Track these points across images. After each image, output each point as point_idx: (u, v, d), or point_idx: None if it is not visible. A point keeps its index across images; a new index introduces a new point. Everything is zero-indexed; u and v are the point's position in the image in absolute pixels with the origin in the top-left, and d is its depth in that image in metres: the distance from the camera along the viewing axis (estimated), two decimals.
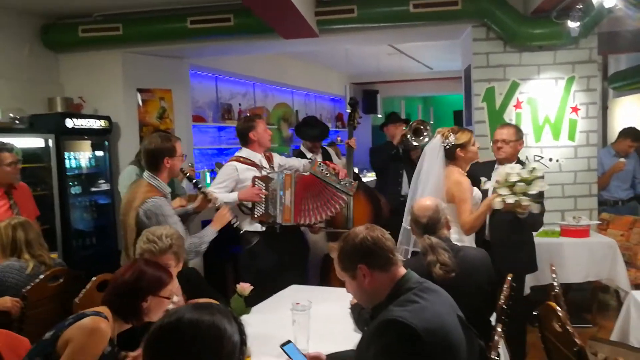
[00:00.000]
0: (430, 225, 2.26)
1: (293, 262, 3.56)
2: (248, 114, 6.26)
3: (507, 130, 3.36)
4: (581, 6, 3.75)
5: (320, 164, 3.38)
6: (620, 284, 3.70)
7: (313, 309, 2.33)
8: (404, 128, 4.60)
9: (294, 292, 2.87)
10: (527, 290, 3.73)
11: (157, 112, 5.08)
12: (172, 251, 2.14)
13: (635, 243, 4.09)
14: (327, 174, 3.32)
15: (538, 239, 4.01)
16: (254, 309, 2.60)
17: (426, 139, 4.16)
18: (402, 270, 1.61)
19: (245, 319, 2.21)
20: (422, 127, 4.37)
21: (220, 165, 3.49)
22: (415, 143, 4.31)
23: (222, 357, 1.03)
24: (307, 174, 3.42)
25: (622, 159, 4.63)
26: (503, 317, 2.07)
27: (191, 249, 2.74)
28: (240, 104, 6.36)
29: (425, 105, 11.82)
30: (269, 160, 3.57)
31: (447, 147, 3.00)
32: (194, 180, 3.03)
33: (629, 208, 4.69)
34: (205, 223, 3.04)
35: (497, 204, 2.76)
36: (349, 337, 2.10)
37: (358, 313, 2.20)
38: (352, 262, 1.59)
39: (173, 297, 1.89)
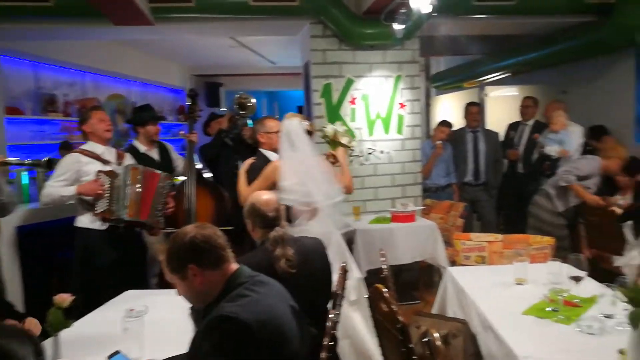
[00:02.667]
0: (277, 218, 2.29)
1: (131, 264, 3.39)
2: (77, 106, 5.71)
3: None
4: (405, 10, 4.10)
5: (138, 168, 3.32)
6: (440, 262, 4.17)
7: (150, 314, 2.21)
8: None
9: (130, 298, 2.69)
10: (363, 274, 4.01)
11: None
12: None
13: (451, 225, 4.63)
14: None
15: (372, 225, 4.34)
16: (85, 318, 2.39)
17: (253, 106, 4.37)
18: (234, 266, 1.60)
19: (72, 330, 2.01)
20: (244, 99, 4.38)
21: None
22: (243, 112, 4.34)
23: None
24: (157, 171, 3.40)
25: (439, 142, 5.20)
26: (338, 303, 2.18)
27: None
28: (66, 95, 5.75)
29: (270, 100, 11.97)
30: (120, 157, 3.44)
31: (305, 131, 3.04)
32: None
33: (447, 194, 5.29)
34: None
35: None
36: (188, 341, 2.03)
37: (196, 314, 2.13)
38: (181, 262, 1.53)
39: None
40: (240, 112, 4.37)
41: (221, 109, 8.92)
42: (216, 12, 4.43)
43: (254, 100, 4.39)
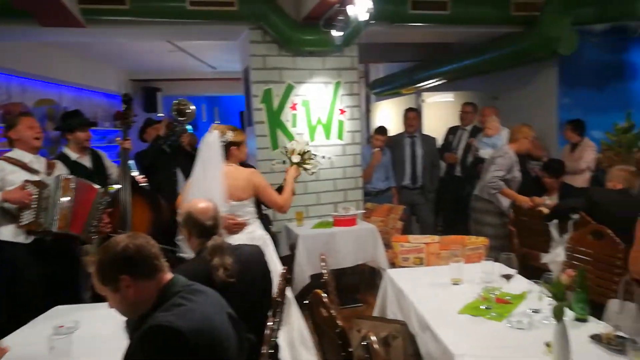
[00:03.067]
0: (214, 227, 2.24)
1: (61, 278, 3.23)
2: (1, 112, 5.38)
3: None
4: (343, 18, 4.16)
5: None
6: (380, 264, 4.24)
7: (81, 330, 2.10)
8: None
9: (60, 314, 2.55)
10: (307, 279, 4.01)
11: None
12: None
13: (391, 227, 4.73)
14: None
15: (315, 230, 4.35)
16: (9, 337, 2.23)
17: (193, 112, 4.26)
18: (169, 276, 1.55)
19: None
20: (183, 106, 4.28)
21: None
22: (182, 118, 4.23)
23: None
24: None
25: (377, 149, 5.30)
26: (278, 310, 2.17)
27: None
28: None
29: (211, 105, 11.78)
30: (50, 167, 3.27)
31: (224, 143, 3.02)
32: None
33: (387, 197, 5.40)
34: None
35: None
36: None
37: (132, 327, 2.06)
38: (113, 273, 1.47)
39: None
40: (179, 118, 4.26)
41: (158, 115, 8.68)
42: (152, 16, 4.32)
43: (193, 107, 4.29)
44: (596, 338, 1.93)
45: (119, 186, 3.67)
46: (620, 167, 3.79)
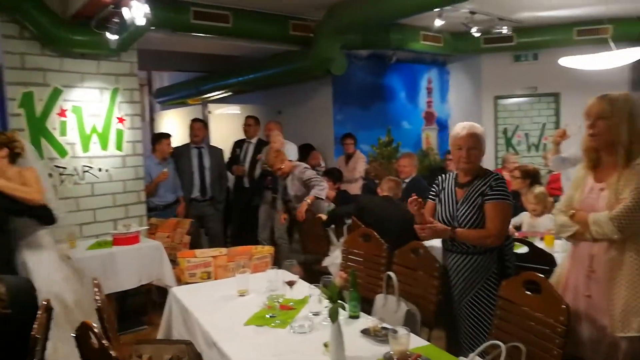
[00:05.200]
0: None
1: None
2: None
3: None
4: (118, 20, 3.85)
5: None
6: (167, 282, 4.02)
7: None
8: None
9: None
10: None
11: None
12: None
13: (178, 242, 4.54)
14: None
15: (91, 252, 3.92)
16: None
17: None
18: None
19: None
20: None
21: None
22: None
23: None
24: None
25: (165, 170, 5.04)
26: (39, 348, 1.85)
27: None
28: None
29: None
30: None
31: None
32: None
33: (175, 210, 5.17)
34: None
35: None
36: None
37: None
38: None
39: None
40: None
41: None
42: None
43: None
44: (365, 332, 2.12)
45: None
46: (390, 177, 4.31)
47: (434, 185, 2.75)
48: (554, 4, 5.41)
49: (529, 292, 2.07)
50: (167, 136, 5.30)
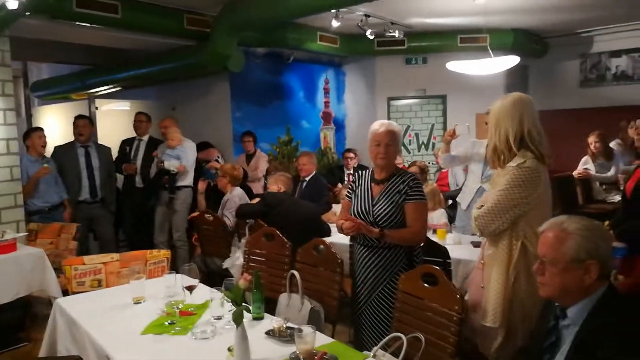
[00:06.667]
0: None
1: None
2: None
3: None
4: None
5: None
6: (51, 293, 3.67)
7: None
8: None
9: None
10: None
11: None
12: None
13: (64, 249, 4.17)
14: None
15: None
16: None
17: None
18: None
19: None
20: None
21: None
22: None
23: None
24: None
25: (45, 165, 4.59)
26: None
27: None
28: None
29: None
30: None
31: None
32: None
33: (61, 213, 4.72)
34: None
35: None
36: None
37: None
38: None
39: None
40: None
41: None
42: None
43: None
44: (270, 333, 2.10)
45: None
46: (281, 173, 4.30)
47: (351, 183, 2.78)
48: (440, 12, 5.76)
49: (426, 285, 2.18)
50: (37, 129, 4.78)
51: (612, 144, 5.54)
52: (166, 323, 2.25)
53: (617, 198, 5.10)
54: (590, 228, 1.54)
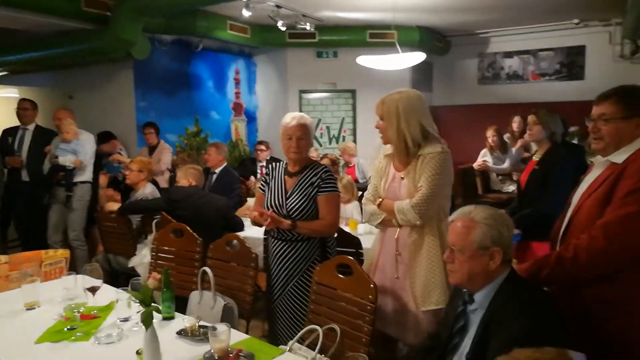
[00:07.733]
0: None
1: None
2: None
3: None
4: None
5: None
6: None
7: None
8: None
9: None
10: None
11: None
12: None
13: None
14: None
15: None
16: None
17: None
18: None
19: None
20: None
21: None
22: None
23: None
24: None
25: None
26: None
27: None
28: None
29: None
30: None
31: None
32: None
33: None
34: None
35: None
36: None
37: None
38: None
39: None
40: None
41: None
42: None
43: None
44: (182, 333, 2.00)
45: None
46: (191, 166, 4.14)
47: (264, 176, 2.72)
48: (350, 6, 5.85)
49: (341, 275, 2.19)
50: None
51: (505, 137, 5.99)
52: (65, 329, 2.08)
53: (512, 188, 5.52)
54: (495, 217, 1.63)
